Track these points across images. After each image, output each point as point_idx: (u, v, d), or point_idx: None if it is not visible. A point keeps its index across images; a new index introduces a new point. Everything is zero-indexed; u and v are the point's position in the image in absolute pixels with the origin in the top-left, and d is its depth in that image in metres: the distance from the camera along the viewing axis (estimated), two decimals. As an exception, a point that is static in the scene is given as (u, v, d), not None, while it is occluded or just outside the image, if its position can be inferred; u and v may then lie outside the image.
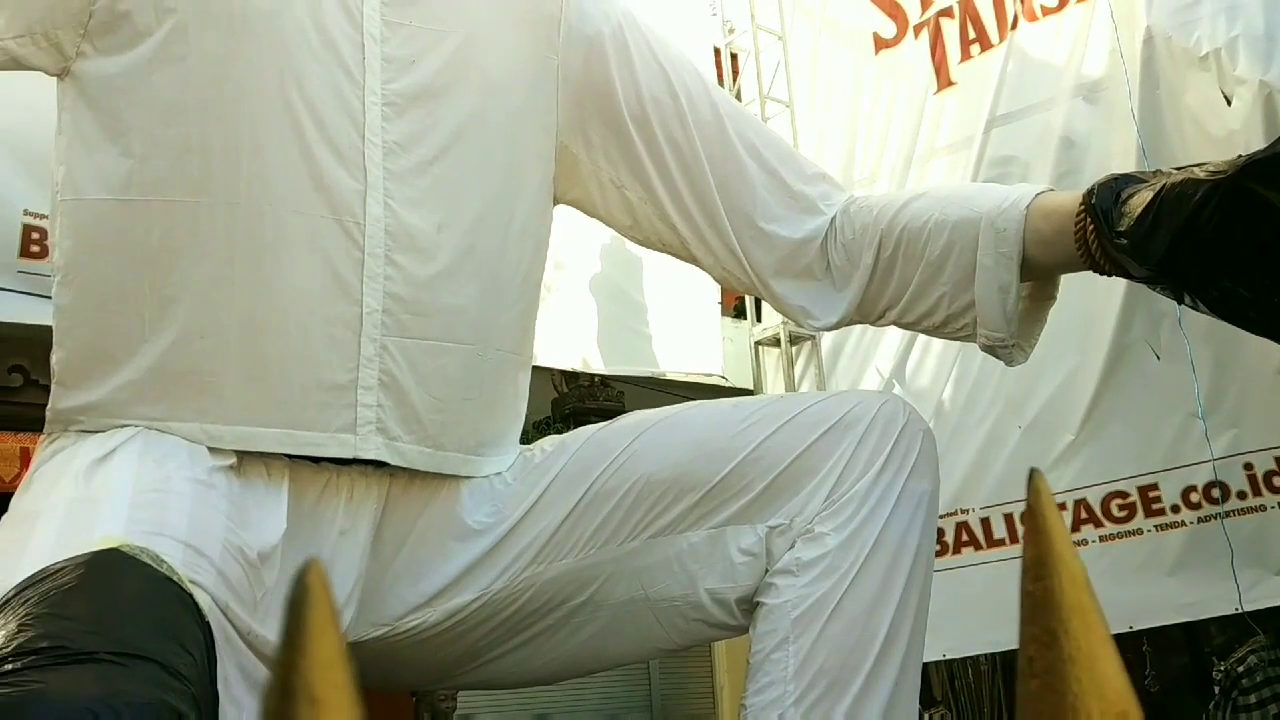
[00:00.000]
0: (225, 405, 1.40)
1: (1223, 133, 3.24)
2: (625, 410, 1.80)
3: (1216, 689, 4.56)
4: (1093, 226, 1.44)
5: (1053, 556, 0.45)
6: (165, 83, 1.43)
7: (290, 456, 1.44)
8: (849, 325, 1.80)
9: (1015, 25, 3.80)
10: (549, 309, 1.85)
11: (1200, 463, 3.35)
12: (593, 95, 1.71)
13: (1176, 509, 3.39)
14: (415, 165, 1.51)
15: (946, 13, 4.05)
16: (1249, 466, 3.32)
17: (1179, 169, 1.40)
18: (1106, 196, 1.43)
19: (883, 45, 4.26)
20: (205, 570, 1.19)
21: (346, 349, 1.44)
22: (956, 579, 3.56)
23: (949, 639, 3.57)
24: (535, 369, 1.78)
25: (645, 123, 1.72)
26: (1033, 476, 0.46)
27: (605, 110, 1.72)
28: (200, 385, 1.40)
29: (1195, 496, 3.37)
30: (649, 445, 1.59)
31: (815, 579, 1.47)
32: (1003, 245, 1.53)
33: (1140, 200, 1.38)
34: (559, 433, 1.75)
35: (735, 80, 4.70)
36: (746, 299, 4.63)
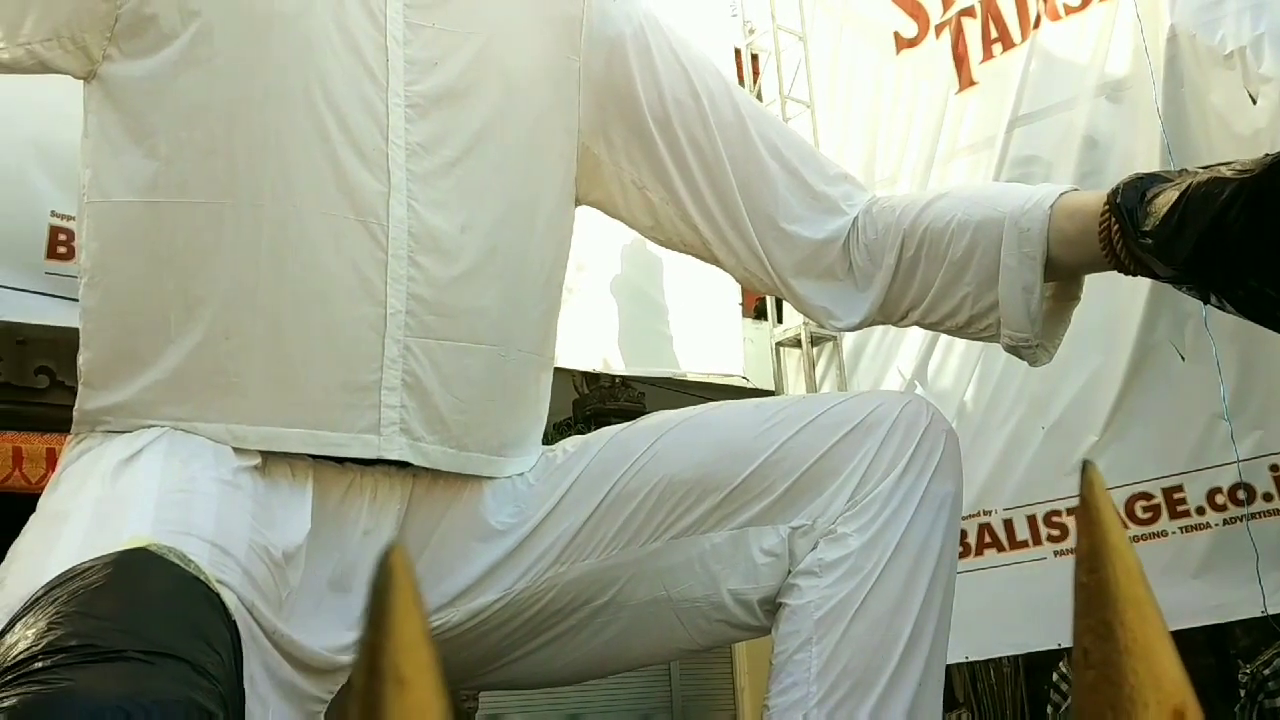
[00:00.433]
0: (250, 406, 1.41)
1: (1248, 131, 3.21)
2: (646, 411, 1.80)
3: (1242, 692, 4.52)
4: (1117, 226, 1.43)
5: (1107, 548, 0.45)
6: (190, 85, 1.44)
7: (314, 457, 1.45)
8: (871, 326, 1.79)
9: (1038, 24, 3.78)
10: (570, 310, 1.85)
11: (1225, 464, 3.32)
12: (614, 96, 1.72)
13: (1201, 511, 3.36)
14: (438, 167, 1.52)
15: (968, 12, 4.04)
16: (1275, 468, 3.29)
17: (1205, 168, 1.39)
18: (1131, 196, 1.42)
19: (904, 45, 4.25)
20: (231, 570, 1.20)
21: (370, 350, 1.45)
22: (979, 580, 3.54)
23: (971, 641, 3.56)
24: (556, 370, 1.78)
25: (667, 124, 1.72)
26: (1086, 469, 0.46)
27: (627, 111, 1.72)
28: (225, 386, 1.41)
29: (1220, 498, 3.34)
30: (671, 446, 1.59)
31: (838, 580, 1.47)
32: (1026, 245, 1.52)
33: (1166, 200, 1.37)
34: (580, 434, 1.75)
35: (756, 81, 4.70)
36: (767, 300, 4.62)
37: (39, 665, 0.93)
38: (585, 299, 3.74)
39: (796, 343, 4.40)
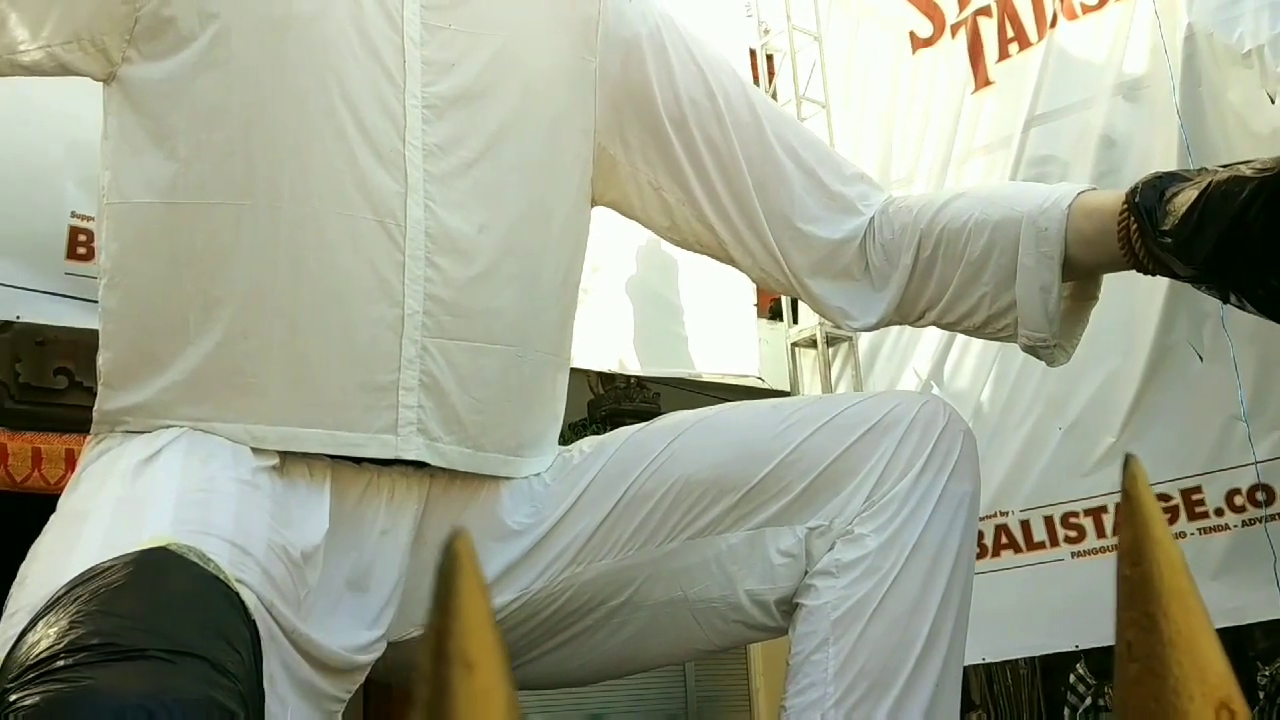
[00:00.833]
0: (269, 406, 1.41)
1: (1266, 130, 3.19)
2: (661, 412, 1.80)
3: (1261, 694, 4.50)
4: (1136, 225, 1.43)
5: (1150, 541, 0.45)
6: (209, 87, 1.45)
7: (332, 457, 1.46)
8: (888, 326, 1.79)
9: (1054, 23, 3.76)
10: (585, 311, 1.85)
11: (1244, 465, 3.30)
12: (630, 97, 1.72)
13: (1220, 512, 3.34)
14: (455, 167, 1.52)
15: (984, 11, 4.02)
16: (1294, 469, 3.26)
17: (1224, 167, 1.39)
18: (1150, 195, 1.42)
19: (920, 44, 4.23)
20: (251, 569, 1.20)
21: (388, 350, 1.45)
22: (995, 582, 3.52)
23: (988, 642, 3.53)
24: (571, 371, 1.78)
25: (683, 124, 1.72)
26: (1129, 463, 0.46)
27: (643, 112, 1.72)
28: (244, 386, 1.41)
29: (1239, 500, 3.32)
30: (687, 446, 1.59)
31: (855, 580, 1.47)
32: (1044, 245, 1.52)
33: (1185, 199, 1.37)
34: (595, 434, 1.75)
35: (771, 81, 4.69)
36: (782, 300, 4.61)
37: (61, 664, 0.94)
38: (600, 300, 3.73)
39: (812, 343, 4.39)
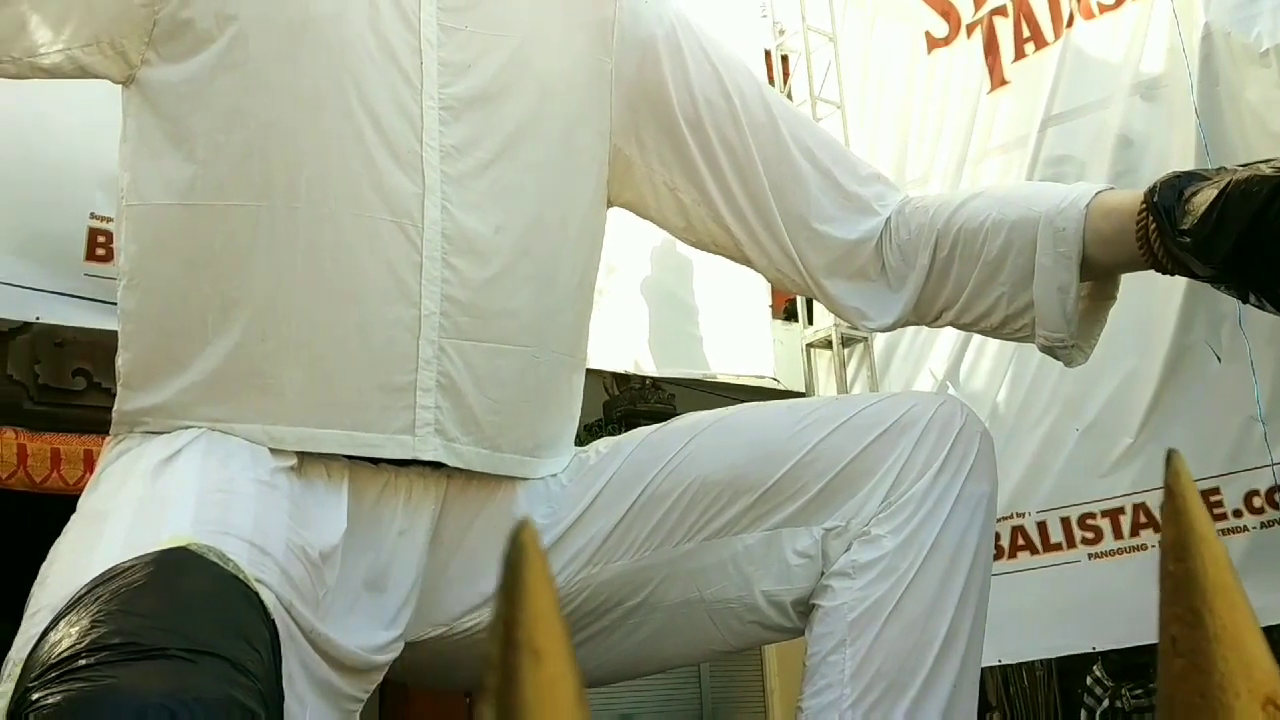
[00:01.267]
0: (287, 407, 1.42)
1: (1285, 130, 3.17)
2: (676, 413, 1.80)
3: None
4: (1155, 225, 1.42)
5: (1194, 537, 0.45)
6: (227, 89, 1.45)
7: (350, 457, 1.46)
8: (905, 326, 1.78)
9: (1071, 23, 3.75)
10: (600, 312, 1.85)
11: (1262, 467, 3.28)
12: (646, 98, 1.72)
13: (1239, 514, 3.32)
14: (472, 169, 1.52)
15: (1000, 11, 4.00)
16: (1314, 471, 3.24)
17: (1243, 166, 1.38)
18: (1169, 194, 1.41)
19: (935, 44, 4.22)
20: (270, 569, 1.21)
21: (405, 351, 1.46)
22: (1012, 583, 3.51)
23: (1004, 644, 3.52)
24: (586, 372, 1.78)
25: (699, 125, 1.72)
26: (1171, 458, 0.46)
27: (659, 113, 1.72)
28: (262, 387, 1.42)
29: (1258, 501, 3.30)
30: (704, 447, 1.59)
31: (872, 581, 1.46)
32: (1062, 245, 1.51)
33: (1204, 198, 1.36)
34: (611, 435, 1.76)
35: (786, 82, 4.68)
36: (797, 301, 4.60)
37: (83, 663, 0.94)
38: (615, 301, 3.73)
39: (827, 344, 4.38)
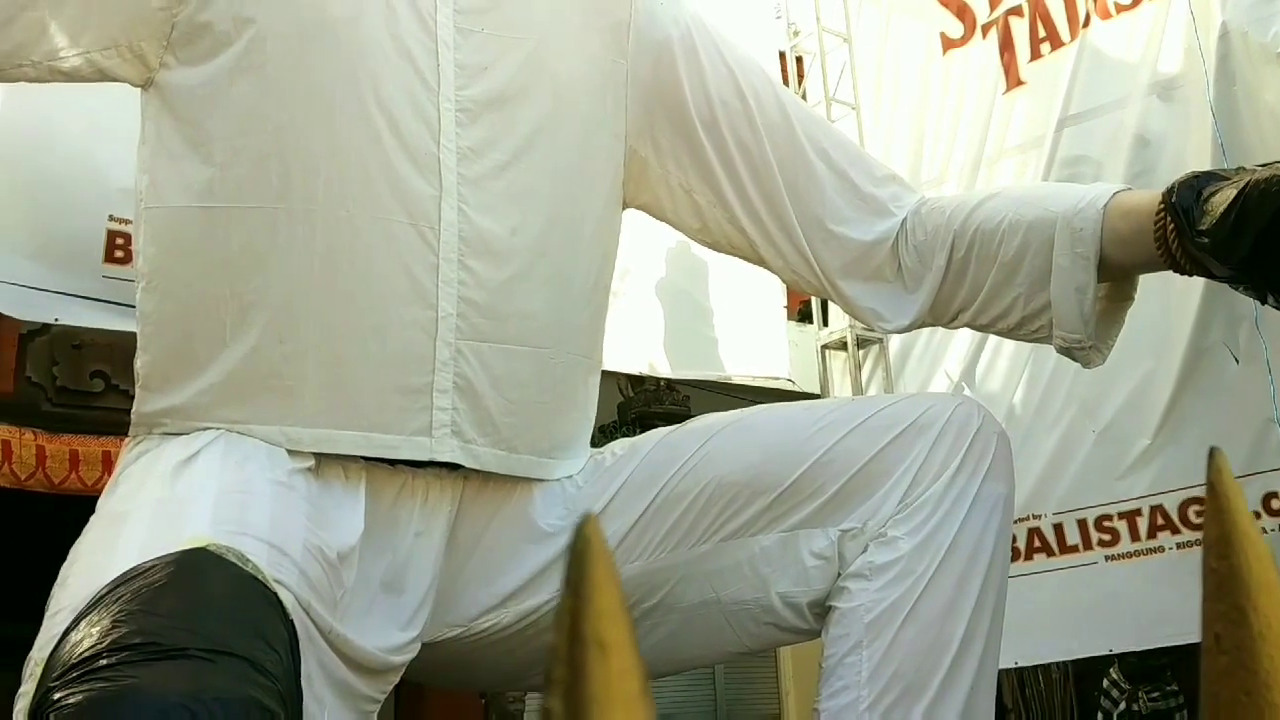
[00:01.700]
0: (304, 408, 1.42)
1: (1303, 130, 3.16)
2: (691, 414, 1.80)
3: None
4: (1173, 225, 1.42)
5: (1237, 534, 0.45)
6: (245, 92, 1.46)
7: (367, 459, 1.46)
8: (921, 328, 1.78)
9: (1087, 23, 3.74)
10: (615, 314, 1.86)
11: None
12: (661, 99, 1.72)
13: (1257, 515, 3.30)
14: (488, 170, 1.53)
15: (1015, 11, 3.99)
16: (1331, 472, 3.23)
17: (1263, 166, 1.37)
18: (1187, 194, 1.41)
19: (950, 45, 4.21)
20: (288, 569, 1.21)
21: (422, 353, 1.46)
22: (1029, 585, 3.50)
23: (1021, 646, 3.51)
24: (601, 373, 1.78)
25: (714, 126, 1.72)
26: (1214, 455, 0.46)
27: (674, 114, 1.72)
28: (280, 389, 1.42)
29: (1276, 503, 3.28)
30: (720, 448, 1.59)
31: (889, 583, 1.46)
32: (1079, 245, 1.51)
33: (1223, 198, 1.35)
34: (625, 437, 1.76)
35: (800, 83, 4.68)
36: (812, 303, 4.60)
37: (104, 663, 0.95)
38: (630, 302, 3.74)
39: (842, 345, 4.38)
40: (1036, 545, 3.65)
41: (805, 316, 4.72)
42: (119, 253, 2.69)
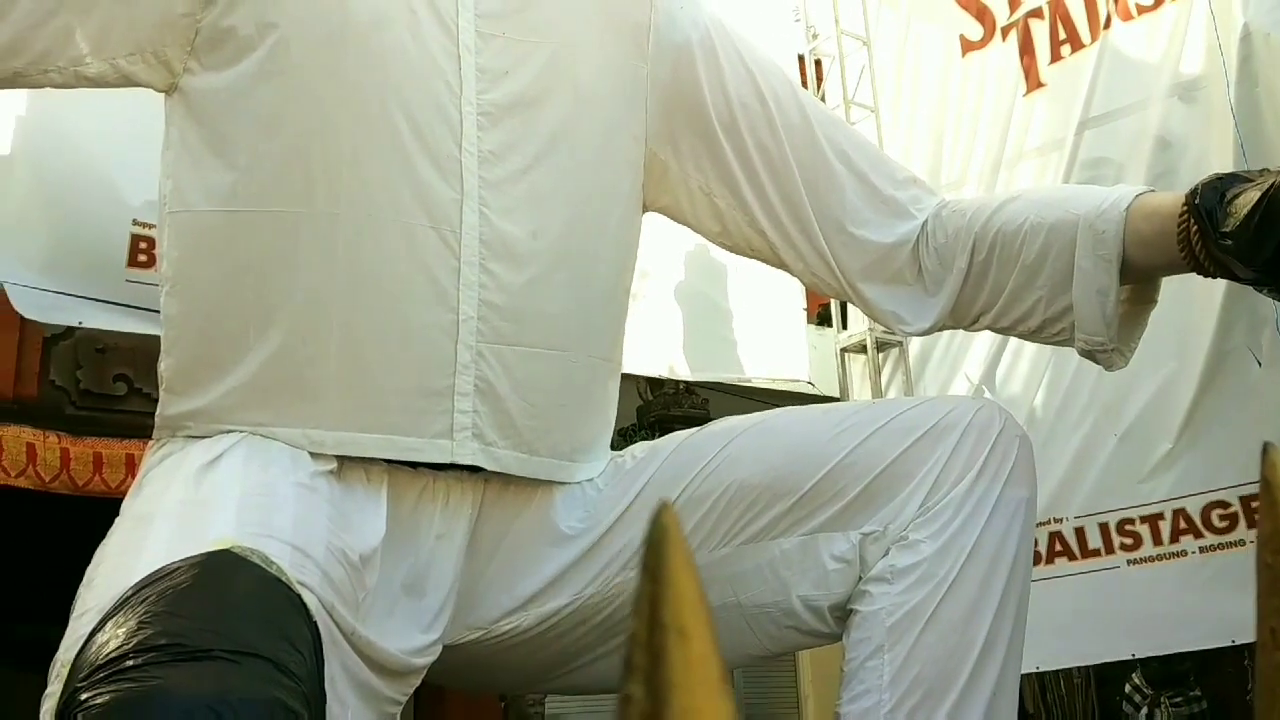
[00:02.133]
0: (326, 411, 1.43)
1: (1326, 131, 3.14)
2: (710, 418, 1.80)
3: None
4: (1196, 227, 1.41)
5: None
6: (268, 97, 1.47)
7: (389, 461, 1.47)
8: (942, 330, 1.78)
9: (1108, 24, 3.72)
10: (634, 316, 1.85)
11: (1305, 471, 3.24)
12: (681, 102, 1.72)
13: None
14: (510, 174, 1.53)
15: (1036, 13, 3.98)
16: (1357, 476, 3.20)
17: (1287, 167, 1.37)
18: (1211, 196, 1.40)
19: (969, 47, 4.20)
20: (311, 571, 1.22)
21: (443, 355, 1.46)
22: (1050, 590, 3.48)
23: (1042, 651, 3.50)
24: (621, 376, 1.78)
25: (734, 128, 1.72)
26: (1267, 451, 0.46)
27: (694, 117, 1.72)
28: (302, 392, 1.43)
29: (1300, 506, 3.26)
30: (741, 451, 1.59)
31: (910, 586, 1.46)
32: (1101, 248, 1.50)
33: (1247, 200, 1.35)
34: (644, 440, 1.76)
35: (819, 87, 4.67)
36: (831, 305, 4.59)
37: (130, 663, 0.96)
38: (650, 305, 3.74)
39: (861, 348, 4.37)
40: (1058, 549, 3.63)
41: (824, 319, 4.72)
42: (142, 257, 2.71)
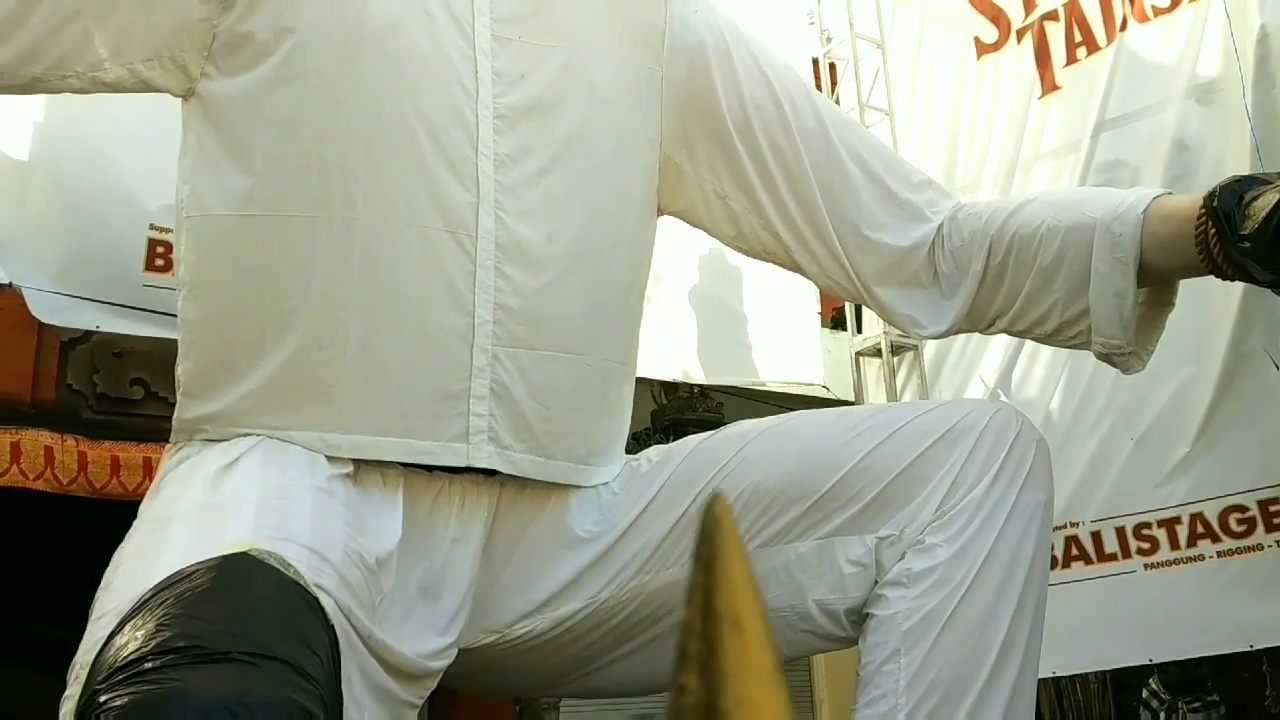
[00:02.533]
0: (343, 415, 1.43)
1: (1342, 134, 3.12)
2: (725, 421, 1.80)
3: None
4: (1214, 230, 1.41)
5: None
6: (285, 101, 1.48)
7: (405, 465, 1.47)
8: (958, 334, 1.77)
9: (1124, 27, 3.70)
10: (649, 320, 1.86)
11: (1323, 476, 3.22)
12: (696, 105, 1.72)
13: (1296, 520, 3.26)
14: (526, 177, 1.53)
15: (1051, 16, 3.97)
16: (1373, 480, 3.18)
17: (1306, 169, 1.36)
18: (1229, 199, 1.39)
19: (985, 50, 4.19)
20: (328, 574, 1.22)
21: (459, 359, 1.47)
22: (1066, 594, 3.46)
23: (1058, 656, 3.47)
24: (635, 380, 1.78)
25: (749, 131, 1.72)
26: None
27: (709, 120, 1.72)
28: (319, 395, 1.44)
29: (1316, 509, 3.24)
30: (756, 454, 1.58)
31: (927, 591, 1.45)
32: (1118, 251, 1.50)
33: (1265, 202, 1.34)
34: (659, 444, 1.76)
35: (834, 90, 4.66)
36: (846, 309, 4.58)
37: (149, 665, 0.96)
38: (664, 309, 3.73)
39: (876, 352, 4.35)
40: (1074, 553, 3.61)
41: (839, 323, 4.70)
42: (159, 261, 2.72)
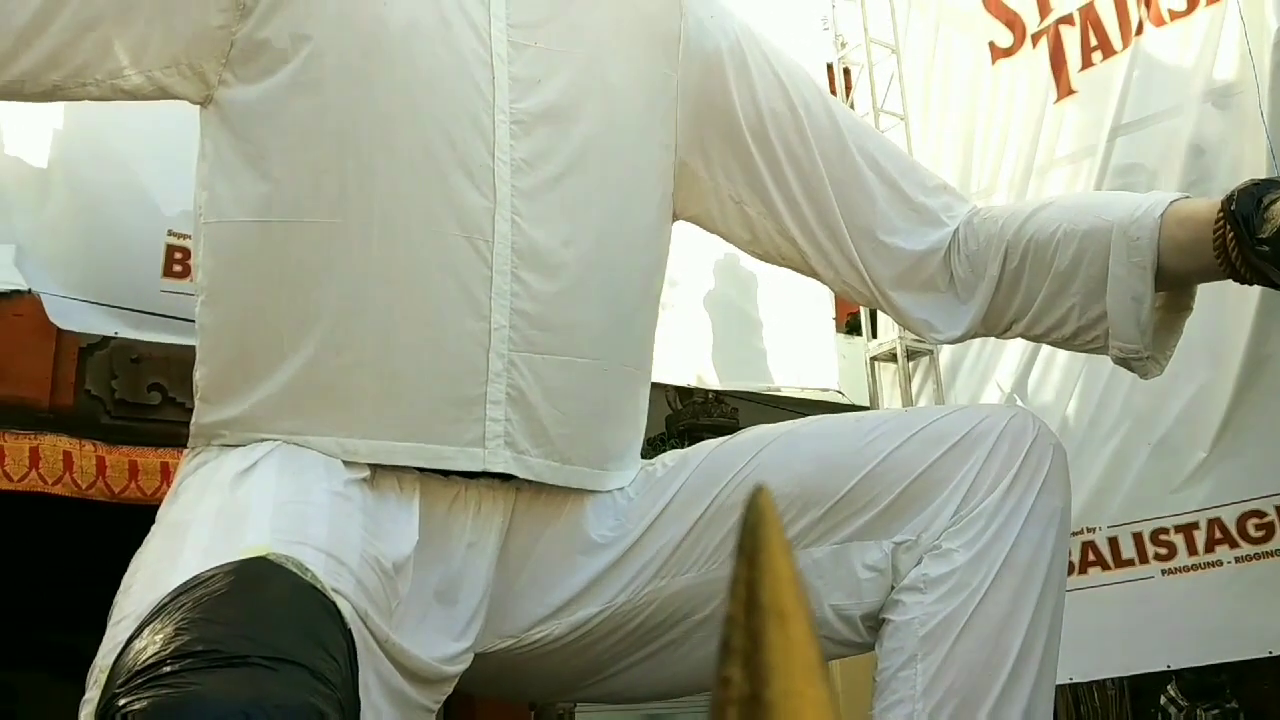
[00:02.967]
0: (360, 420, 1.44)
1: (1360, 137, 3.10)
2: (739, 427, 1.79)
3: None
4: (1232, 234, 1.40)
5: None
6: (302, 107, 1.48)
7: (421, 470, 1.48)
8: (974, 338, 1.77)
9: (1140, 30, 3.69)
10: (663, 325, 1.86)
11: (1342, 481, 3.20)
12: (712, 110, 1.72)
13: (1317, 528, 3.24)
14: (542, 183, 1.54)
15: (1066, 20, 3.95)
16: (1393, 485, 3.15)
17: (1325, 173, 1.35)
18: (1247, 202, 1.39)
19: (1000, 54, 4.18)
20: (345, 579, 1.22)
21: (475, 364, 1.47)
22: (1083, 600, 3.44)
23: (1075, 662, 3.45)
24: (650, 385, 1.78)
25: (764, 136, 1.72)
26: None
27: (724, 125, 1.72)
28: (336, 400, 1.44)
29: (1336, 515, 3.22)
30: (772, 459, 1.58)
31: (943, 596, 1.45)
32: (1135, 255, 1.49)
33: (1284, 206, 1.34)
34: (673, 449, 1.76)
35: (849, 95, 4.66)
36: (861, 314, 4.57)
37: (167, 669, 0.96)
38: (678, 314, 3.73)
39: (891, 357, 4.34)
40: (1091, 559, 3.59)
41: (854, 328, 4.69)
42: (177, 267, 2.74)
